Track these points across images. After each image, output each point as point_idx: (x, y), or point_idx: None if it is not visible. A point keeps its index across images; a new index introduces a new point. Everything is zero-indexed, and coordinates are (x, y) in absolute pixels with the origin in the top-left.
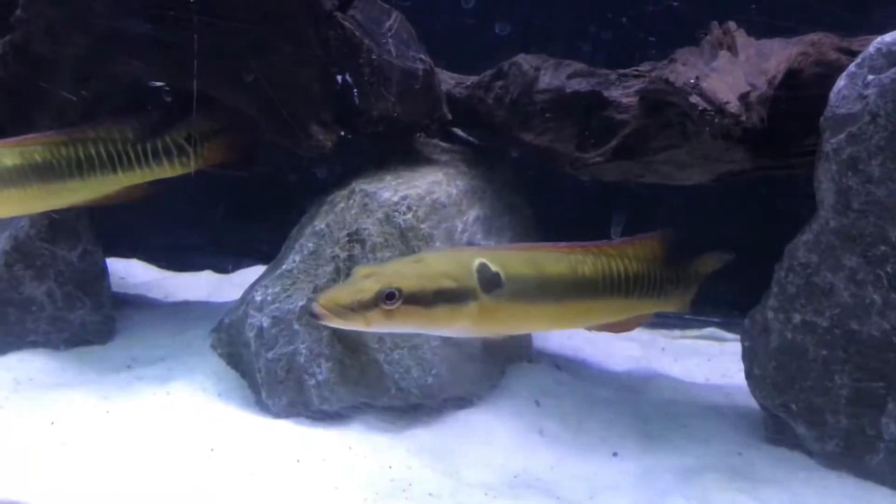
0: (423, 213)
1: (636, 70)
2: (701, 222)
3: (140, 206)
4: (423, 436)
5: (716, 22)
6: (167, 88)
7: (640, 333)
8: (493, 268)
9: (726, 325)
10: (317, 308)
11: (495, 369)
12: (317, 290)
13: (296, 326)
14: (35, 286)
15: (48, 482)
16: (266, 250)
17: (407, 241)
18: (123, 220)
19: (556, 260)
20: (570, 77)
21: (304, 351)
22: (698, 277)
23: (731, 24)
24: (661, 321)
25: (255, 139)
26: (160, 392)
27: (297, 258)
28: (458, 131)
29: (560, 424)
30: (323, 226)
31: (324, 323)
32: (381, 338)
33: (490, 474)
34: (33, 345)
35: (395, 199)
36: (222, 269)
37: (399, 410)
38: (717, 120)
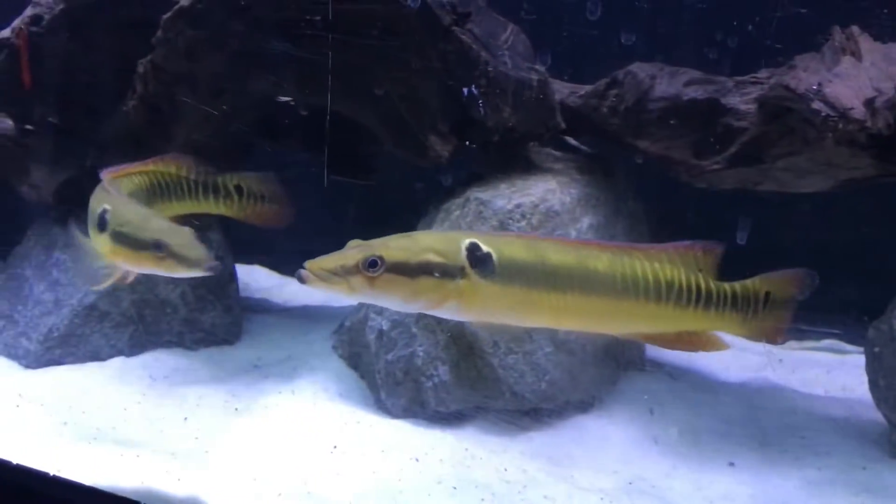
0: (536, 221)
1: (754, 77)
2: (827, 228)
3: None
4: (538, 440)
5: (838, 27)
6: (293, 103)
7: (755, 344)
8: (485, 248)
9: (847, 337)
10: (304, 272)
11: (609, 376)
12: None
13: (414, 330)
14: (170, 289)
15: (185, 475)
16: None
17: None
18: (252, 228)
19: (560, 250)
20: (686, 85)
21: (421, 353)
22: (777, 301)
23: (855, 29)
24: None
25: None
26: (286, 391)
27: None
28: (571, 139)
29: (674, 433)
30: None
31: (309, 285)
32: (495, 342)
33: (604, 480)
34: (168, 344)
35: (510, 206)
36: None
37: (514, 414)
38: (840, 126)
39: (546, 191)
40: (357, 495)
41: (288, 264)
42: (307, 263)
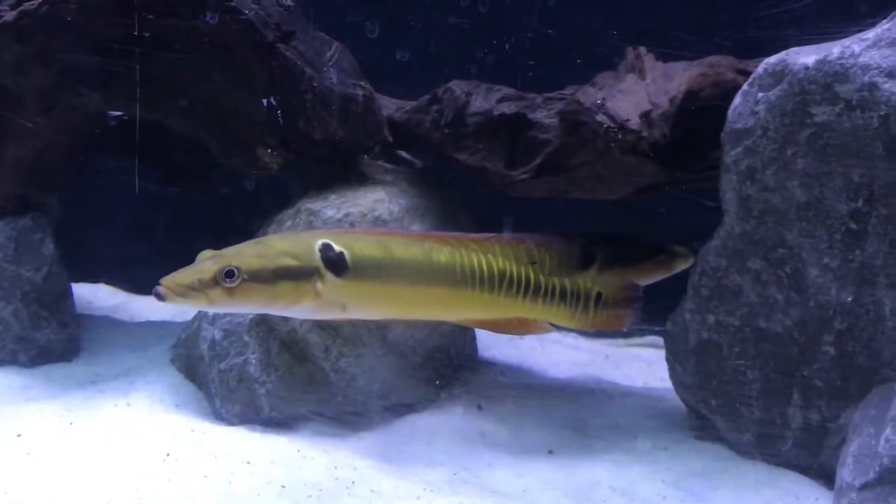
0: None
1: (560, 93)
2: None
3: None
4: (370, 439)
5: (631, 48)
6: (125, 118)
7: (587, 343)
8: (337, 247)
9: None
10: (160, 289)
11: (442, 377)
12: None
13: (246, 338)
14: (2, 306)
15: (12, 489)
16: None
17: None
18: (86, 243)
19: (406, 244)
20: (499, 101)
21: (254, 361)
22: (608, 302)
23: (642, 49)
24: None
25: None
26: (121, 403)
27: None
28: (404, 153)
29: (501, 427)
30: None
31: (167, 302)
32: (327, 347)
33: (431, 473)
34: (1, 363)
35: (339, 216)
36: None
37: (348, 416)
38: (620, 136)
39: (375, 201)
40: (187, 497)
41: (134, 281)
42: (163, 280)
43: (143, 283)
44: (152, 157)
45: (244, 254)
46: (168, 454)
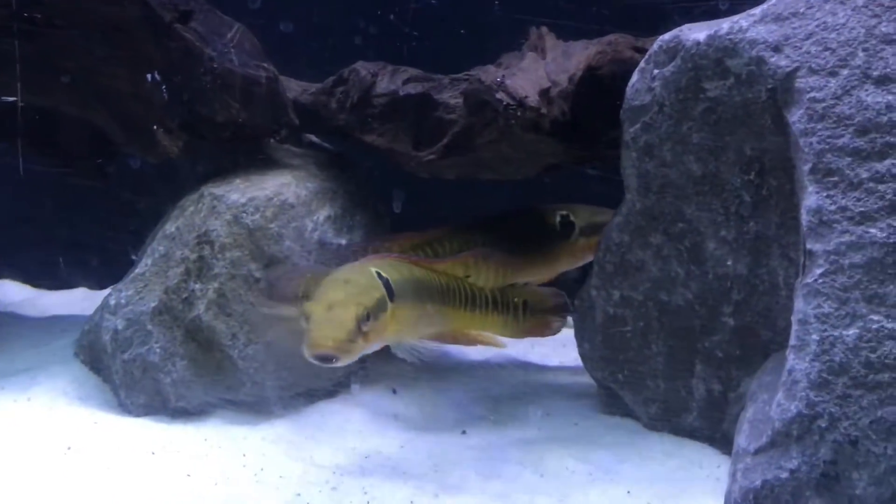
0: (271, 214)
1: (467, 74)
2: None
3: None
4: (281, 426)
5: (534, 27)
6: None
7: None
8: (384, 274)
9: None
10: (328, 353)
11: (356, 362)
12: (168, 291)
13: (149, 327)
14: None
15: None
16: None
17: (256, 240)
18: None
19: (410, 266)
20: (405, 82)
21: (158, 350)
22: (535, 310)
23: (544, 29)
24: None
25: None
26: (21, 399)
27: (149, 261)
28: (313, 137)
29: (415, 409)
30: (173, 229)
31: (342, 363)
32: (234, 334)
33: (341, 457)
34: None
35: (243, 200)
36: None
37: (258, 404)
38: (519, 113)
39: (281, 185)
40: (88, 489)
41: (26, 269)
42: (318, 343)
43: (35, 269)
44: (41, 141)
45: (352, 294)
46: (69, 447)
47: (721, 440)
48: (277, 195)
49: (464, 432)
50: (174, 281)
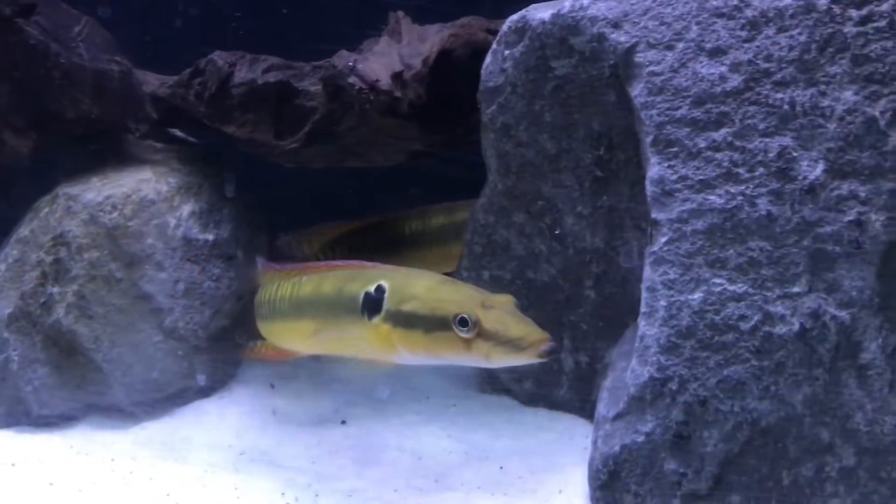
0: (130, 211)
1: (328, 61)
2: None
3: None
4: (152, 428)
5: (393, 12)
6: None
7: None
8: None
9: None
10: (551, 344)
11: (231, 359)
12: (24, 296)
13: (5, 334)
14: None
15: None
16: None
17: (115, 239)
18: None
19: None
20: (265, 71)
21: (16, 358)
22: None
23: (400, 14)
24: None
25: None
26: None
27: (3, 267)
28: (176, 131)
29: (294, 403)
30: (27, 232)
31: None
32: (97, 338)
33: (216, 454)
34: None
35: (100, 199)
36: None
37: (127, 408)
38: (372, 97)
39: (140, 181)
40: None
41: None
42: (542, 339)
43: None
44: None
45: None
46: None
47: (590, 411)
48: (136, 192)
49: (343, 422)
50: (30, 285)
